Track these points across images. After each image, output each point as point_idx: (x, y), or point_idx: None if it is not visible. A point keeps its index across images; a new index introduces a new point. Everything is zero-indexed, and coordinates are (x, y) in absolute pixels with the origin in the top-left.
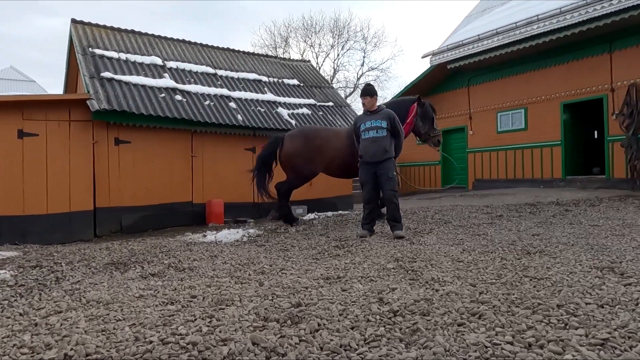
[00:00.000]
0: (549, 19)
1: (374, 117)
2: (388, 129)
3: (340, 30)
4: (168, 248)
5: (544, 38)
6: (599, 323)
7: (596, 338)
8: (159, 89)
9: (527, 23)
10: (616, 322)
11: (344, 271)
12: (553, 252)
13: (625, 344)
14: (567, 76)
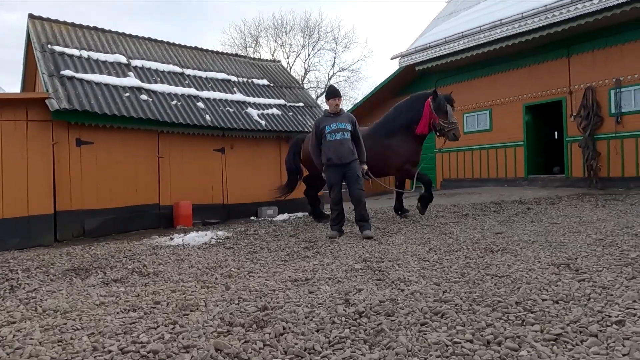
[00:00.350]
0: (512, 24)
1: (338, 119)
2: (351, 131)
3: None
4: (133, 252)
5: (507, 42)
6: (553, 319)
7: (550, 333)
8: (123, 88)
9: (491, 27)
10: (569, 317)
11: (312, 273)
12: (514, 250)
13: (576, 339)
14: (529, 79)
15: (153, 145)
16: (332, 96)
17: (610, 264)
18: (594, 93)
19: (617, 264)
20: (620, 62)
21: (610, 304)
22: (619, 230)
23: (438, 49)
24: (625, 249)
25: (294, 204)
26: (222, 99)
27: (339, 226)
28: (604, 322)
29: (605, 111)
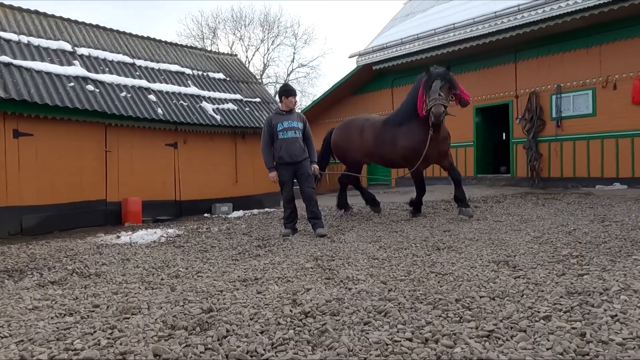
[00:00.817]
0: (464, 28)
1: (290, 117)
2: (302, 130)
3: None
4: (75, 251)
5: (459, 45)
6: (488, 315)
7: (484, 330)
8: (67, 77)
9: (445, 30)
10: (503, 313)
11: (262, 272)
12: (459, 248)
13: (507, 334)
14: (480, 82)
15: (100, 138)
16: (288, 94)
17: (544, 261)
18: (537, 97)
19: (550, 260)
20: (561, 69)
21: (540, 300)
22: (554, 229)
23: (394, 49)
24: (559, 247)
25: (249, 200)
26: (176, 92)
27: (293, 224)
28: (533, 318)
29: (547, 115)
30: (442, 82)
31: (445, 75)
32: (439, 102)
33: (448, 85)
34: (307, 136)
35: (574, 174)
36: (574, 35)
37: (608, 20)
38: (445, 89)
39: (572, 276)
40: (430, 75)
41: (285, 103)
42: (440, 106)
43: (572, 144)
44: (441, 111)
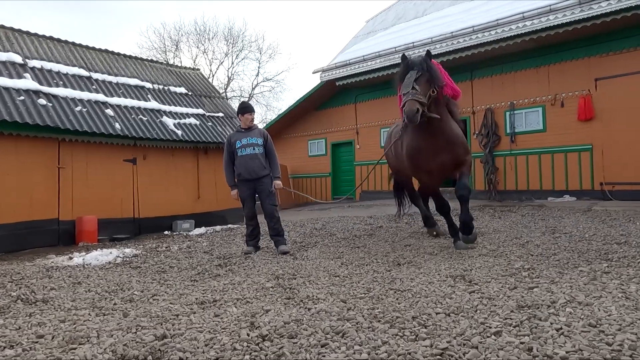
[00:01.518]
0: (422, 46)
1: (250, 134)
2: (263, 145)
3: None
4: (22, 275)
5: None
6: (443, 332)
7: (437, 348)
8: (17, 90)
9: (404, 48)
10: (457, 330)
11: (221, 293)
12: (419, 263)
13: (460, 351)
14: None
15: (52, 154)
16: (244, 111)
17: (498, 274)
18: (492, 114)
19: (503, 274)
20: (514, 87)
21: (492, 315)
22: (509, 241)
23: (357, 65)
24: (512, 260)
25: (211, 216)
26: (135, 107)
27: (255, 242)
28: (484, 334)
29: (502, 130)
30: (418, 72)
31: (422, 64)
32: (413, 98)
33: (427, 76)
34: (269, 151)
35: (528, 187)
36: (524, 55)
37: (555, 43)
38: (423, 81)
39: (523, 289)
40: (406, 64)
41: (242, 120)
42: (413, 103)
43: (525, 158)
44: (414, 109)
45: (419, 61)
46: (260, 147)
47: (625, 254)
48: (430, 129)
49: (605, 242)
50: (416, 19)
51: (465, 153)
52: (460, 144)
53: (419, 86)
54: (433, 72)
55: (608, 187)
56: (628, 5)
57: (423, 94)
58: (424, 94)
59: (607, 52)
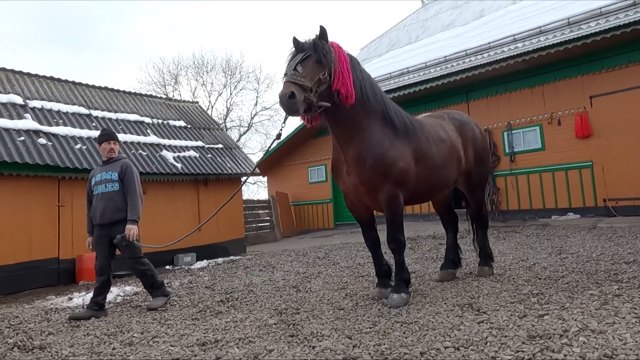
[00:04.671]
0: (417, 72)
1: (107, 167)
2: (119, 181)
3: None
4: (20, 319)
5: (414, 88)
6: None
7: None
8: (17, 131)
9: (399, 74)
10: None
11: (223, 332)
12: (425, 291)
13: None
14: None
15: (52, 193)
16: (101, 140)
17: (506, 301)
18: (490, 135)
19: (512, 300)
20: (510, 107)
21: (503, 347)
22: (515, 264)
23: None
24: (520, 284)
25: (213, 248)
26: (134, 142)
27: (97, 301)
28: None
29: (500, 150)
30: (306, 54)
31: (312, 47)
32: (289, 80)
33: (317, 57)
34: (127, 188)
35: (531, 206)
36: (518, 76)
37: (547, 63)
38: (311, 62)
39: (533, 317)
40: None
41: (101, 151)
42: (289, 85)
43: (526, 177)
44: (287, 92)
45: (309, 44)
46: (116, 183)
47: (635, 274)
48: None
49: (613, 261)
50: (409, 45)
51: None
52: (377, 166)
53: (304, 68)
54: (325, 55)
55: (612, 203)
56: (616, 24)
57: (309, 77)
58: (309, 77)
59: (600, 69)
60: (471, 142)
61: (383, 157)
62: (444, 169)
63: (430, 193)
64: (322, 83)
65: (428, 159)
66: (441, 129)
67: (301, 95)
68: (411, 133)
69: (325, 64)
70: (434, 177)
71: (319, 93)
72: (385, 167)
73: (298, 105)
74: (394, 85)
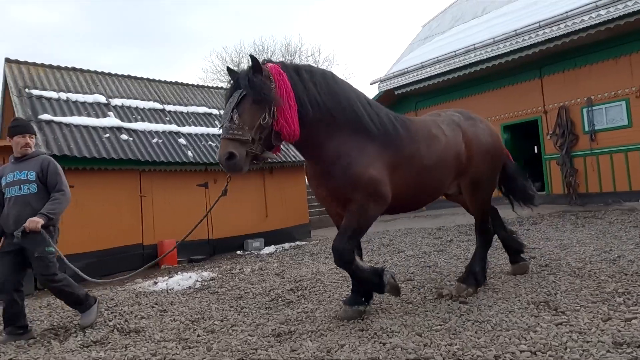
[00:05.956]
0: (484, 48)
1: (22, 166)
2: (37, 181)
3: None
4: (115, 301)
5: (481, 65)
6: None
7: None
8: (103, 129)
9: (465, 52)
10: None
11: (295, 323)
12: (496, 285)
13: None
14: (505, 100)
15: (135, 184)
16: (14, 132)
17: (587, 300)
18: (567, 112)
19: (594, 300)
20: (589, 81)
21: (586, 355)
22: (597, 256)
23: (415, 73)
24: (603, 280)
25: (280, 234)
26: (204, 134)
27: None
28: None
29: (579, 129)
30: (242, 92)
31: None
32: (226, 136)
33: (252, 99)
34: (51, 186)
35: (614, 189)
36: (600, 46)
37: (635, 29)
38: (248, 107)
39: (619, 321)
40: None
41: (13, 146)
42: (226, 143)
43: (608, 157)
44: (225, 154)
45: (244, 76)
46: (33, 184)
47: None
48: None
49: None
50: (475, 20)
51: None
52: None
53: (240, 115)
54: (264, 91)
55: None
56: None
57: (248, 126)
58: (249, 125)
59: None
60: (474, 141)
61: (348, 168)
62: (438, 169)
63: (423, 197)
64: (264, 128)
65: (416, 161)
66: (434, 125)
67: (242, 151)
68: (392, 137)
69: (265, 102)
70: (426, 179)
71: (262, 139)
72: (353, 178)
73: (241, 164)
74: (459, 63)
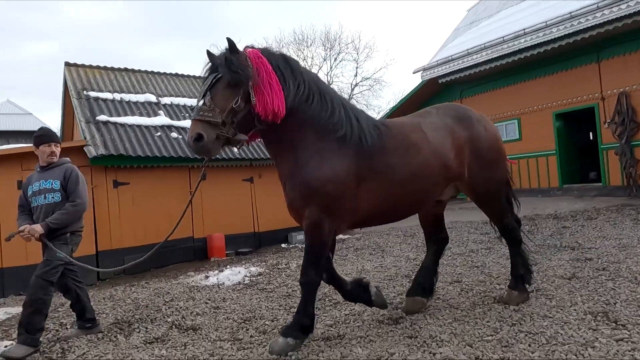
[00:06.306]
0: (535, 33)
1: (47, 175)
2: (61, 189)
3: (332, 42)
4: (171, 296)
5: (531, 51)
6: None
7: None
8: (154, 127)
9: (514, 37)
10: None
11: (344, 327)
12: (549, 291)
13: None
14: (558, 86)
15: (184, 180)
16: (40, 142)
17: None
18: (628, 98)
19: None
20: None
21: None
22: None
23: (460, 61)
24: None
25: None
26: None
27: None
28: None
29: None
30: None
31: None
32: (196, 117)
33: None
34: (69, 195)
35: None
36: None
37: None
38: (221, 89)
39: None
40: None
41: (39, 155)
42: (195, 124)
43: None
44: (193, 135)
45: (222, 58)
46: (57, 193)
47: None
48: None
49: None
50: (524, 2)
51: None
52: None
53: (213, 97)
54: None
55: None
56: None
57: (220, 109)
58: (220, 108)
59: None
60: (468, 143)
61: (306, 178)
62: (417, 181)
63: (402, 211)
64: (236, 112)
65: (387, 175)
66: (415, 130)
67: (211, 133)
68: (364, 147)
69: (240, 85)
70: (403, 193)
71: (236, 123)
72: (308, 190)
73: (209, 147)
74: (508, 49)
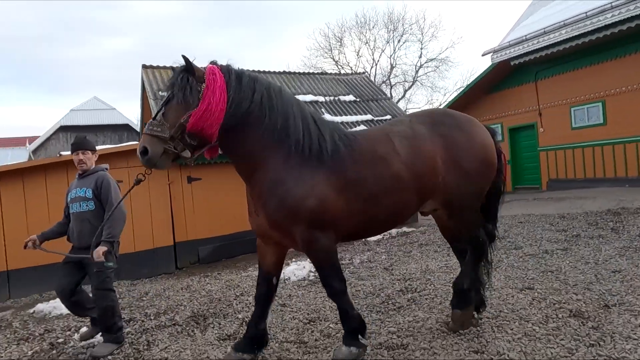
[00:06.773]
0: (625, 6)
1: (82, 183)
2: (94, 198)
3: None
4: (241, 289)
5: (620, 27)
6: None
7: None
8: None
9: (600, 11)
10: None
11: (407, 334)
12: (634, 305)
13: None
14: None
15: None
16: (72, 150)
17: None
18: None
19: None
20: None
21: None
22: None
23: (535, 40)
24: None
25: None
26: None
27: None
28: None
29: None
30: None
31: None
32: (145, 131)
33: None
34: (103, 203)
35: None
36: None
37: None
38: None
39: None
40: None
41: (75, 163)
42: (144, 138)
43: None
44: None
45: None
46: (90, 201)
47: None
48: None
49: None
50: None
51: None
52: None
53: (166, 113)
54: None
55: None
56: None
57: (170, 124)
58: (171, 123)
59: None
60: (443, 150)
61: (285, 196)
62: (390, 195)
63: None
64: (185, 128)
65: (361, 188)
66: (384, 142)
67: (158, 148)
68: (329, 158)
69: (191, 102)
70: (378, 206)
71: (185, 139)
72: (291, 208)
73: (154, 161)
74: (591, 26)
